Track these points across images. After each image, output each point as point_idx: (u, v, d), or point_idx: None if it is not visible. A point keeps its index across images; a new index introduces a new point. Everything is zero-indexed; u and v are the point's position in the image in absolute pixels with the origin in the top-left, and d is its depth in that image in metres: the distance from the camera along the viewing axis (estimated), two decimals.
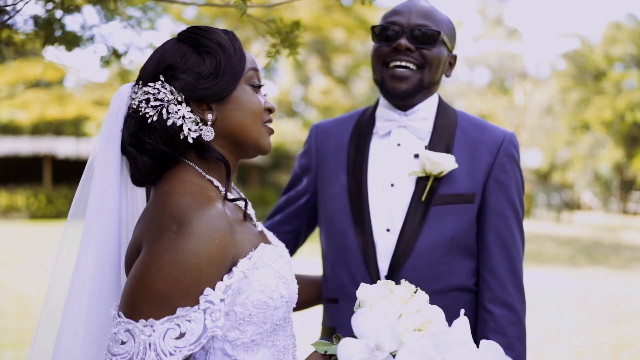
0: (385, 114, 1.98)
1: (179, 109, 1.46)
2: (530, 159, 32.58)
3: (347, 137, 2.06)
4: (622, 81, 26.61)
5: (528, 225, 22.29)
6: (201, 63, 1.48)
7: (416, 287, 1.47)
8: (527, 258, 13.36)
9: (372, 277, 1.89)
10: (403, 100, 1.94)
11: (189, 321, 1.29)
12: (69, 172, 24.16)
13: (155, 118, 1.45)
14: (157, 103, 1.46)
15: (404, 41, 1.89)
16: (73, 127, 25.92)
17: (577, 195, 31.70)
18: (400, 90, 1.91)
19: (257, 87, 1.57)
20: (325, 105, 26.09)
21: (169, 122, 1.45)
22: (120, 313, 1.30)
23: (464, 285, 1.91)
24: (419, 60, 1.90)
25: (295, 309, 2.08)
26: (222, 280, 1.36)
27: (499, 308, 1.87)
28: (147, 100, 1.47)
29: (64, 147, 23.57)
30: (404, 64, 1.90)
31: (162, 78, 1.47)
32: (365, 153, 1.99)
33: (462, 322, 1.37)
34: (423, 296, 1.44)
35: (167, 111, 1.46)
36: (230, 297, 1.37)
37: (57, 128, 26.27)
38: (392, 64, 1.91)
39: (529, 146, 31.94)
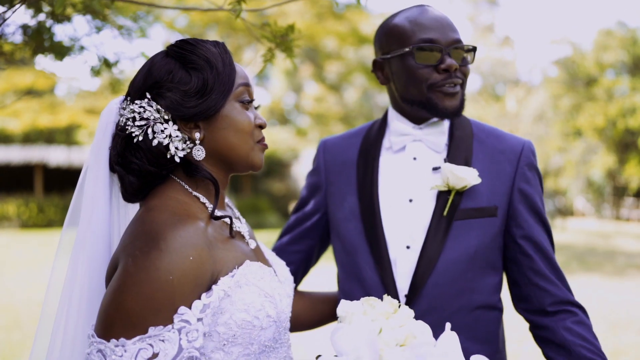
0: (399, 128, 1.92)
1: (165, 128, 1.43)
2: None
3: (355, 152, 2.01)
4: (613, 88, 26.76)
5: None
6: (187, 80, 1.44)
7: (399, 303, 1.41)
8: None
9: (391, 296, 1.80)
10: (454, 118, 1.89)
11: (162, 341, 1.26)
12: (61, 180, 24.07)
13: (140, 138, 1.43)
14: (143, 122, 1.43)
15: (453, 61, 1.82)
16: (65, 136, 25.83)
17: (570, 201, 31.79)
18: (453, 107, 1.85)
19: (247, 103, 1.53)
20: (318, 112, 26.11)
21: (155, 142, 1.42)
22: (93, 333, 1.29)
23: (487, 302, 1.86)
24: (462, 78, 1.86)
25: (310, 327, 2.07)
26: (199, 298, 1.32)
27: (568, 306, 1.83)
28: (133, 119, 1.44)
29: (55, 156, 23.47)
30: (453, 83, 1.84)
31: (148, 96, 1.44)
32: (375, 168, 1.93)
33: (450, 337, 1.33)
34: (407, 311, 1.39)
35: (153, 130, 1.43)
36: (210, 316, 1.33)
37: (48, 136, 26.16)
38: (445, 88, 1.84)
39: None
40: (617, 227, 26.04)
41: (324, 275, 5.50)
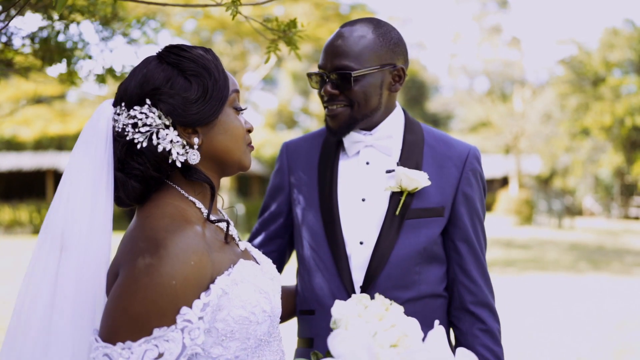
0: (351, 136, 2.05)
1: (167, 134, 1.46)
2: (531, 166, 32.51)
3: (317, 154, 2.15)
4: (620, 86, 26.55)
5: (529, 231, 22.22)
6: (188, 87, 1.47)
7: (390, 301, 1.50)
8: (529, 264, 13.38)
9: (347, 288, 1.98)
10: (340, 136, 2.04)
11: (167, 341, 1.30)
12: None
13: (144, 144, 1.45)
14: (146, 129, 1.45)
15: (328, 87, 1.97)
16: (75, 142, 26.03)
17: (578, 201, 31.49)
18: (334, 128, 2.01)
19: (239, 110, 1.59)
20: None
21: (160, 148, 1.45)
22: (98, 337, 1.31)
23: (434, 291, 2.03)
24: (345, 100, 1.98)
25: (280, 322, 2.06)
26: (199, 298, 1.37)
27: (482, 309, 2.04)
28: (135, 125, 1.45)
29: (66, 161, 23.61)
30: (335, 107, 1.99)
31: (148, 102, 1.45)
32: (335, 171, 2.07)
33: (438, 333, 1.40)
34: (397, 309, 1.46)
35: (157, 137, 1.45)
36: (210, 314, 1.38)
37: (59, 143, 26.41)
38: (327, 110, 2.02)
39: (529, 153, 31.87)
40: (625, 225, 25.79)
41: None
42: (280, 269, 2.22)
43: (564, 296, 9.83)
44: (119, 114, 1.47)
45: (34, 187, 25.23)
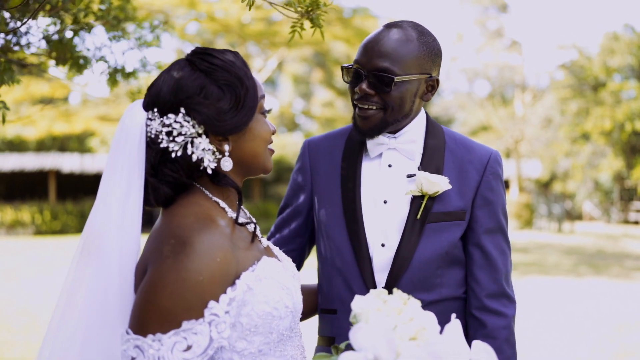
0: (375, 138, 2.04)
1: (200, 142, 1.48)
2: (531, 170, 32.54)
3: (339, 154, 2.12)
4: (620, 91, 26.60)
5: (529, 235, 22.24)
6: (221, 96, 1.48)
7: (408, 296, 1.51)
8: (529, 268, 13.42)
9: (369, 288, 1.97)
10: (369, 138, 2.01)
11: (195, 334, 1.34)
12: (74, 186, 24.26)
13: (179, 153, 1.47)
14: (181, 138, 1.46)
15: (364, 86, 1.93)
16: (77, 143, 26.16)
17: (578, 205, 31.50)
18: (364, 128, 1.98)
19: (265, 114, 1.62)
20: (327, 117, 26.22)
21: (194, 158, 1.47)
22: (129, 330, 1.35)
23: (455, 294, 2.04)
24: (380, 103, 1.94)
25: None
26: (225, 293, 1.41)
27: (484, 313, 2.01)
28: (169, 133, 1.46)
29: (68, 162, 23.71)
30: (366, 106, 1.96)
31: (183, 111, 1.46)
32: (358, 172, 2.05)
33: (454, 326, 1.43)
34: (415, 303, 1.48)
35: (192, 145, 1.47)
36: (235, 309, 1.42)
37: (61, 144, 26.49)
38: (358, 109, 1.99)
39: (529, 157, 31.90)
40: (625, 230, 25.80)
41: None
42: (299, 267, 2.23)
43: (564, 299, 9.89)
44: (151, 119, 1.49)
45: (36, 188, 25.21)
